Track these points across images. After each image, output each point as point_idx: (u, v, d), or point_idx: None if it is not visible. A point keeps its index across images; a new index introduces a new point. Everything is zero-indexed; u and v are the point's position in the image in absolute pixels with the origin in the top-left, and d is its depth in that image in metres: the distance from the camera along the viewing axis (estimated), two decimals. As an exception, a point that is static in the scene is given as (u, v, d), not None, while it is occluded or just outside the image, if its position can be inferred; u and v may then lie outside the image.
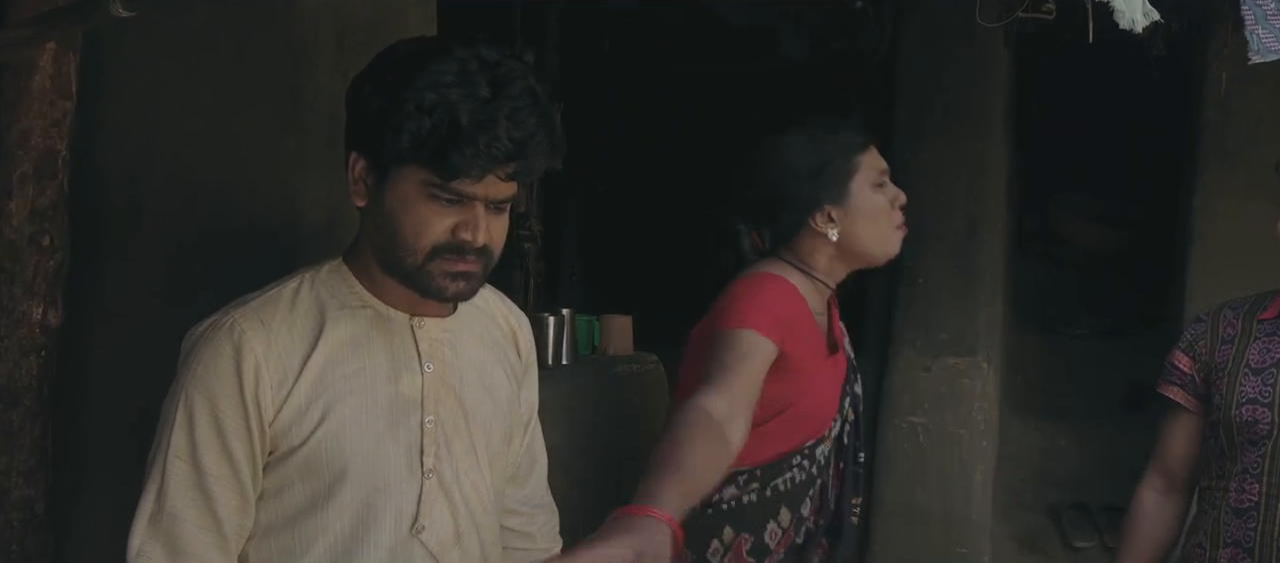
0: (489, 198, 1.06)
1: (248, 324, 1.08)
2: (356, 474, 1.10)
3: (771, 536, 1.71)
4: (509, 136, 1.01)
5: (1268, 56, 1.51)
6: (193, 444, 1.07)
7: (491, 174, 1.03)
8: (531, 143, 1.03)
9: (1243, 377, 1.56)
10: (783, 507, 1.68)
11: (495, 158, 1.01)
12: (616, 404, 2.25)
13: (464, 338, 1.21)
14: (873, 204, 1.66)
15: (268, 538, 1.12)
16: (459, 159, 1.01)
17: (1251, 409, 1.54)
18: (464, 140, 1.00)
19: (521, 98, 1.02)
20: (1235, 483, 1.55)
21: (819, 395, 1.68)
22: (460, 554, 1.17)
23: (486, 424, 1.21)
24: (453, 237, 1.06)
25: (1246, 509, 1.53)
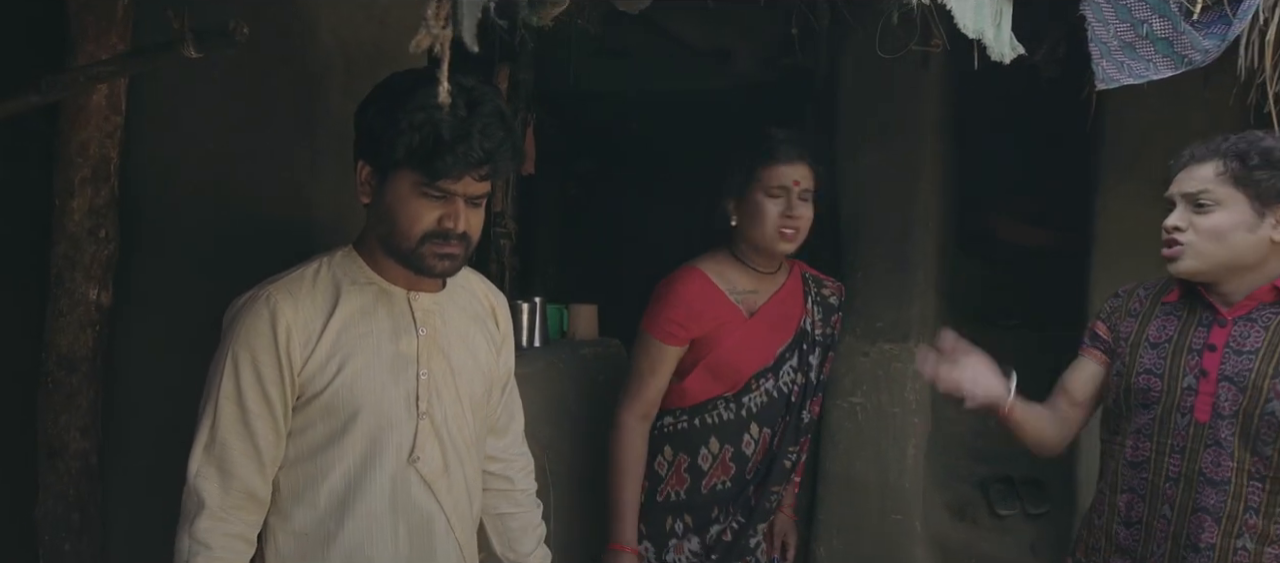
0: (467, 194, 1.35)
1: (280, 295, 1.36)
2: (366, 415, 1.37)
3: (704, 459, 2.12)
4: (481, 146, 1.29)
5: (1110, 84, 1.82)
6: (238, 390, 1.34)
7: (468, 175, 1.32)
8: (499, 151, 1.31)
9: (1143, 349, 1.73)
10: (712, 437, 2.08)
11: (470, 163, 1.30)
12: (582, 383, 2.50)
13: (451, 310, 1.49)
14: (760, 207, 2.03)
15: (295, 466, 1.39)
16: (442, 164, 1.29)
17: (1147, 378, 1.71)
18: (446, 149, 1.28)
19: (491, 116, 1.31)
20: (1131, 441, 1.71)
21: (730, 353, 2.06)
22: (448, 483, 1.45)
23: (470, 379, 1.49)
24: (439, 225, 1.34)
25: (1140, 463, 1.70)
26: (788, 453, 2.14)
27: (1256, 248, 1.63)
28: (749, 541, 2.15)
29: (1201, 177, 1.65)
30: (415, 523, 1.41)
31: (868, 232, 3.18)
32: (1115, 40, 1.79)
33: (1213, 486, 1.63)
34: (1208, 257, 1.64)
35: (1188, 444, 1.65)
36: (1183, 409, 1.66)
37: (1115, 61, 1.79)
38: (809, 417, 2.20)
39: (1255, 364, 1.62)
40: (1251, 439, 1.60)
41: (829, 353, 2.19)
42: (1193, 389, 1.66)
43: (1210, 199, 1.63)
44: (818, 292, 2.19)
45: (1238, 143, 1.65)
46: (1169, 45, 1.79)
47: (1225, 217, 1.62)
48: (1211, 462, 1.63)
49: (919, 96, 3.12)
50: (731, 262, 2.13)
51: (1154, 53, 1.80)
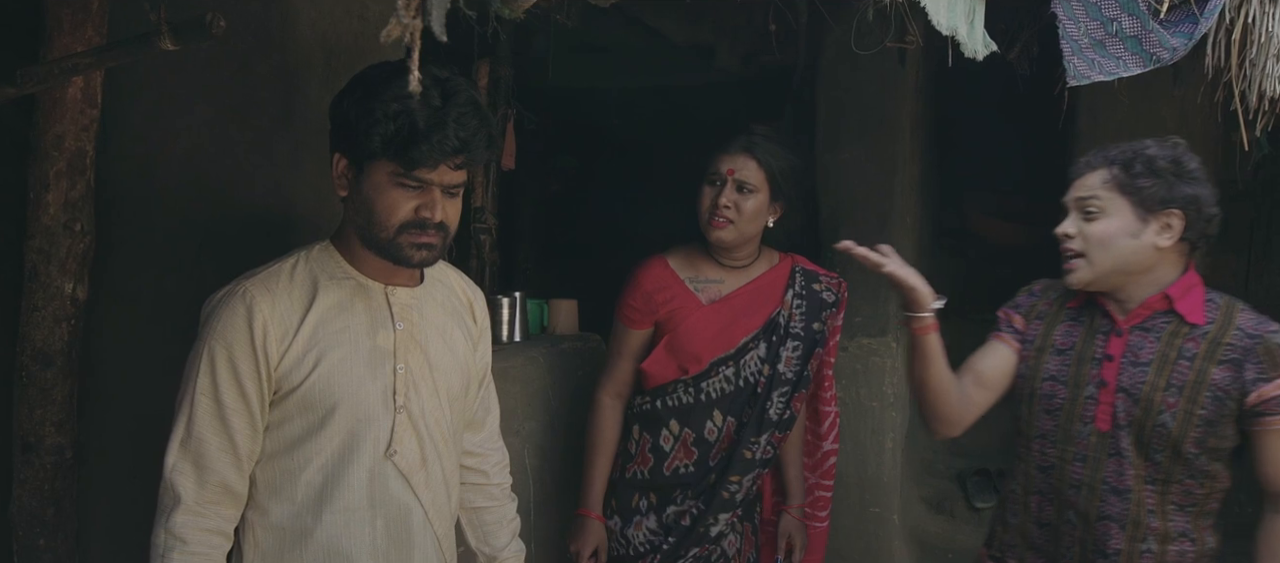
0: (443, 184, 1.35)
1: (257, 290, 1.36)
2: (343, 409, 1.37)
3: (665, 440, 2.17)
4: (456, 136, 1.30)
5: (1081, 81, 1.85)
6: (215, 385, 1.34)
7: (443, 165, 1.33)
8: (474, 140, 1.32)
9: (1048, 355, 1.74)
10: (672, 419, 2.13)
11: (445, 152, 1.31)
12: (562, 377, 2.52)
13: (428, 304, 1.50)
14: (700, 195, 2.10)
15: (272, 461, 1.40)
16: (417, 153, 1.30)
17: (1051, 385, 1.72)
18: (421, 139, 1.29)
19: (465, 106, 1.32)
20: (1037, 445, 1.74)
21: (684, 337, 2.12)
22: (426, 476, 1.46)
23: (447, 373, 1.50)
24: (416, 215, 1.35)
25: (1047, 468, 1.72)
26: (749, 443, 2.13)
27: (1141, 254, 1.64)
28: (710, 529, 2.14)
29: (1090, 183, 1.68)
30: (393, 517, 1.42)
31: (846, 227, 3.20)
32: (1086, 38, 1.82)
33: (1117, 494, 1.66)
34: (1098, 265, 1.66)
35: (1091, 453, 1.68)
36: (1085, 418, 1.68)
37: (1087, 59, 1.82)
38: (782, 411, 2.18)
39: (1148, 377, 1.65)
40: (1145, 448, 1.64)
41: (815, 349, 2.17)
42: (1094, 399, 1.68)
43: (1097, 206, 1.66)
44: (807, 286, 2.19)
45: (1125, 151, 1.68)
46: (1138, 43, 1.82)
47: (1110, 224, 1.64)
48: (1114, 471, 1.66)
49: (896, 94, 3.15)
50: (700, 252, 2.19)
51: (1124, 50, 1.83)
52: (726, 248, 2.12)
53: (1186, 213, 1.63)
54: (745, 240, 2.11)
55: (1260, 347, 1.61)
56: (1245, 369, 1.61)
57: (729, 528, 2.18)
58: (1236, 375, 1.61)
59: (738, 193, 2.05)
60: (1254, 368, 1.61)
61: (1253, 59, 2.01)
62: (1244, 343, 1.62)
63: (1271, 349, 1.61)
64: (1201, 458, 1.64)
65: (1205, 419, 1.62)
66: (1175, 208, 1.63)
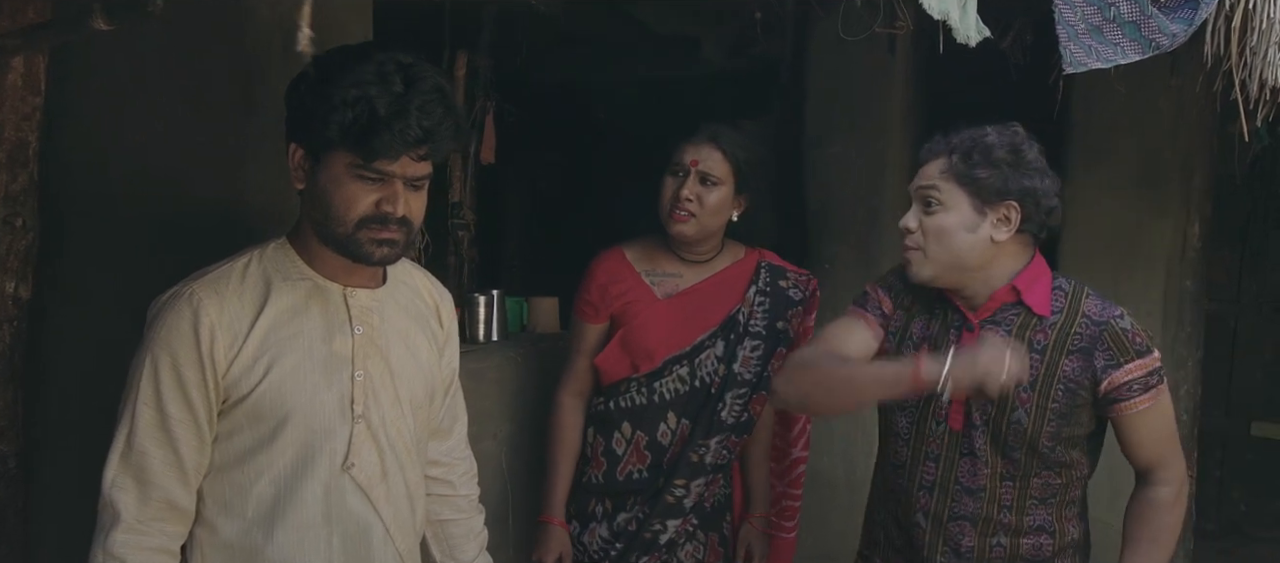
0: (406, 176, 1.27)
1: (205, 293, 1.28)
2: (296, 419, 1.29)
3: (618, 444, 2.09)
4: (419, 124, 1.22)
5: (1078, 68, 1.78)
6: (158, 394, 1.26)
7: (406, 155, 1.24)
8: (438, 130, 1.24)
9: (906, 348, 1.66)
10: (625, 421, 2.05)
11: (407, 142, 1.22)
12: (541, 377, 2.44)
13: (390, 307, 1.41)
14: (662, 186, 2.02)
15: (222, 474, 1.31)
16: (377, 143, 1.21)
17: None
18: (381, 127, 1.20)
19: (430, 93, 1.23)
20: (891, 443, 1.69)
21: (637, 332, 2.03)
22: (387, 490, 1.37)
23: (410, 380, 1.41)
24: (376, 209, 1.27)
25: (899, 465, 1.67)
26: (697, 446, 2.03)
27: (978, 248, 1.56)
28: (658, 537, 2.04)
29: (930, 173, 1.60)
30: (351, 533, 1.34)
31: (834, 222, 3.14)
32: (1083, 23, 1.75)
33: (970, 494, 1.61)
34: (936, 259, 1.58)
35: (944, 453, 1.62)
36: (938, 416, 1.62)
37: (1083, 45, 1.76)
38: (738, 415, 2.06)
39: None
40: (1001, 446, 1.59)
41: (778, 348, 2.07)
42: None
43: (936, 197, 1.58)
44: (773, 283, 2.09)
45: (964, 140, 1.60)
46: (1136, 29, 1.76)
47: (948, 217, 1.56)
48: (968, 471, 1.61)
49: (886, 86, 3.08)
50: (660, 245, 2.10)
51: (1121, 36, 1.76)
52: (687, 242, 2.03)
53: (1024, 205, 1.56)
54: (707, 235, 2.03)
55: (1107, 333, 1.57)
56: (1094, 357, 1.56)
57: (685, 537, 2.07)
58: (1086, 364, 1.57)
59: (701, 185, 1.97)
60: (1103, 356, 1.56)
61: (1253, 47, 1.95)
62: (1090, 331, 1.57)
63: (1118, 335, 1.57)
64: (1057, 450, 1.59)
65: (1058, 412, 1.57)
66: (1012, 200, 1.56)
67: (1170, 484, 1.65)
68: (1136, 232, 3.02)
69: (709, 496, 2.07)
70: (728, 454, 2.07)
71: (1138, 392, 1.57)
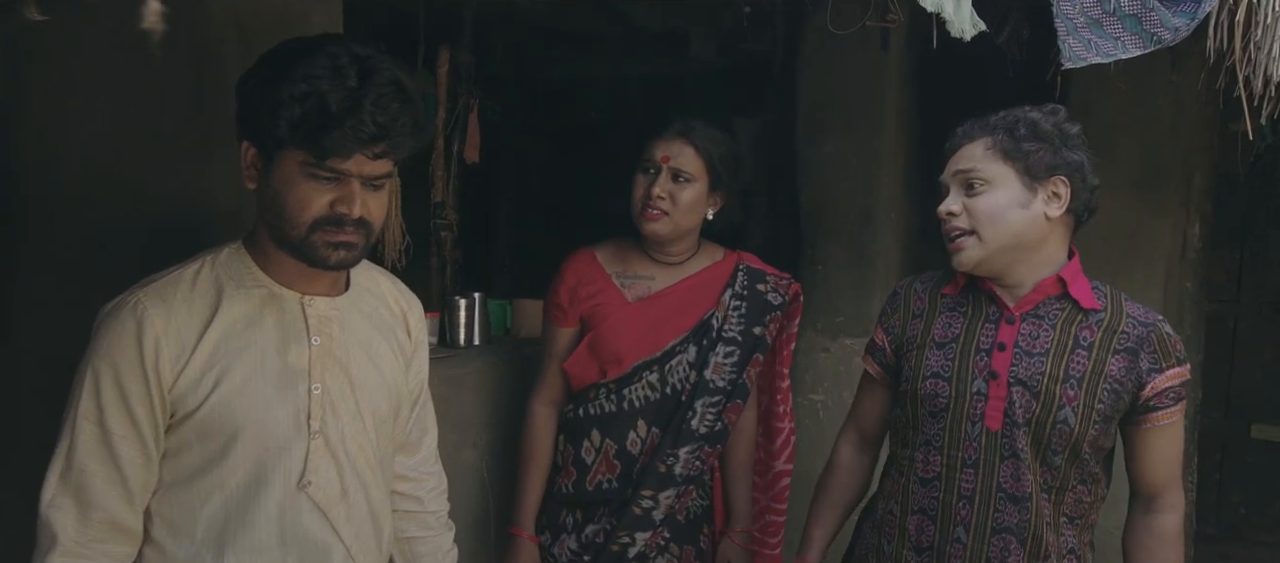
0: (362, 175, 1.19)
1: (150, 302, 1.20)
2: (248, 436, 1.22)
3: (587, 453, 2.00)
4: (373, 120, 1.14)
5: (1077, 63, 1.71)
6: (99, 409, 1.18)
7: (360, 153, 1.17)
8: (395, 126, 1.16)
9: (929, 351, 1.59)
10: (594, 429, 1.96)
11: (361, 139, 1.15)
12: (523, 383, 2.36)
13: (352, 316, 1.34)
14: (635, 183, 1.94)
15: (170, 493, 1.24)
16: (329, 140, 1.14)
17: (934, 383, 1.56)
18: (333, 124, 1.13)
19: (386, 86, 1.16)
20: (921, 454, 1.57)
21: (606, 335, 1.95)
22: (347, 509, 1.30)
23: (372, 393, 1.34)
24: (331, 210, 1.19)
25: (930, 479, 1.56)
26: (666, 456, 1.94)
27: (1033, 226, 1.51)
28: (626, 550, 1.95)
29: (971, 154, 1.55)
30: (308, 555, 1.27)
31: (828, 223, 3.08)
32: (1082, 16, 1.68)
33: (1014, 503, 1.51)
34: (990, 241, 1.51)
35: (981, 457, 1.52)
36: (973, 417, 1.53)
37: (1082, 39, 1.69)
38: (711, 424, 1.96)
39: (1046, 367, 1.51)
40: (1042, 450, 1.50)
41: (754, 355, 1.97)
42: (983, 394, 1.53)
43: (980, 177, 1.52)
44: (750, 286, 2.00)
45: (1006, 117, 1.56)
46: (1137, 22, 1.69)
47: (999, 195, 1.51)
48: (1010, 476, 1.51)
49: (880, 83, 3.01)
50: (632, 246, 2.02)
51: (1122, 30, 1.69)
52: (660, 242, 1.95)
53: (1072, 180, 1.52)
54: (681, 234, 1.94)
55: (1154, 335, 1.52)
56: (1140, 358, 1.51)
57: (656, 551, 1.97)
58: (1132, 365, 1.50)
59: (673, 182, 1.89)
60: (1148, 357, 1.51)
61: (1257, 42, 1.88)
62: (1137, 331, 1.52)
63: (1163, 338, 1.52)
64: (1092, 461, 1.53)
65: (1103, 415, 1.50)
66: (1062, 174, 1.52)
67: (1177, 511, 1.57)
68: (1136, 231, 2.96)
69: (681, 508, 1.99)
70: (700, 465, 1.98)
71: (1170, 402, 1.51)
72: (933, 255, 3.97)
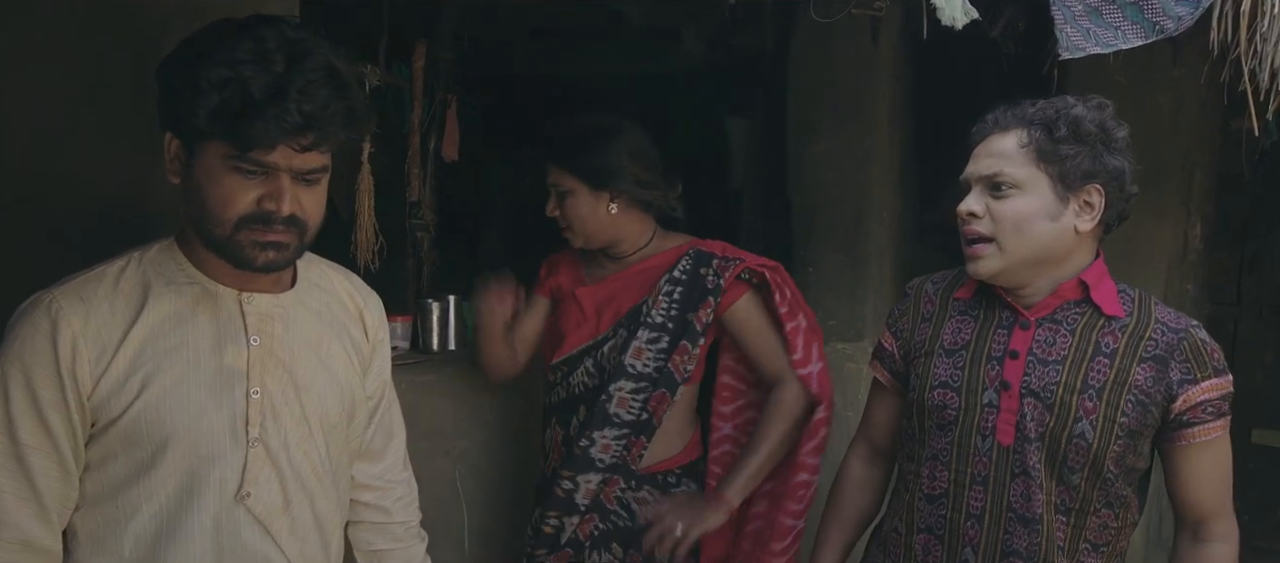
0: (291, 169, 1.11)
1: (66, 301, 1.12)
2: (178, 443, 1.13)
3: (548, 440, 2.04)
4: (298, 109, 1.06)
5: (1075, 53, 1.63)
6: (9, 417, 1.10)
7: (285, 145, 1.08)
8: (324, 114, 1.08)
9: (937, 358, 1.48)
10: (552, 416, 2.01)
11: (285, 129, 1.06)
12: (499, 389, 2.28)
13: (298, 314, 1.25)
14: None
15: (94, 508, 1.15)
16: (251, 131, 1.05)
17: (942, 393, 1.45)
18: (254, 113, 1.05)
19: (315, 72, 1.07)
20: (927, 469, 1.46)
21: (563, 318, 2.01)
22: (290, 522, 1.21)
23: (321, 397, 1.25)
24: (258, 207, 1.11)
25: (938, 496, 1.45)
26: (582, 438, 1.91)
27: (1060, 240, 1.37)
28: (558, 534, 1.93)
29: (1001, 150, 1.38)
30: None
31: (820, 222, 3.00)
32: (1080, 5, 1.60)
33: (1024, 524, 1.38)
34: (1011, 252, 1.37)
35: (991, 473, 1.40)
36: (983, 430, 1.40)
37: (1081, 28, 1.60)
38: (638, 413, 1.90)
39: (1061, 376, 1.37)
40: (1058, 466, 1.37)
41: (681, 342, 1.89)
42: (994, 406, 1.40)
43: (1009, 179, 1.36)
44: (692, 271, 1.93)
45: (1045, 109, 1.39)
46: (1139, 11, 1.61)
47: (1027, 202, 1.36)
48: (1021, 495, 1.38)
49: (873, 79, 2.93)
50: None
51: (1122, 19, 1.61)
52: (589, 249, 2.00)
53: (1108, 190, 1.37)
54: (600, 240, 1.95)
55: (1186, 342, 1.37)
56: (1170, 369, 1.36)
57: (593, 543, 1.92)
58: (1160, 375, 1.36)
59: (560, 202, 1.96)
60: (1179, 367, 1.36)
61: (1264, 33, 1.80)
62: (1167, 338, 1.37)
63: (1197, 345, 1.37)
64: (1119, 481, 1.38)
65: (1128, 429, 1.35)
66: (1098, 183, 1.37)
67: (1229, 541, 1.41)
68: (1135, 232, 2.87)
69: (608, 497, 1.92)
70: (623, 452, 1.92)
71: (1210, 416, 1.36)
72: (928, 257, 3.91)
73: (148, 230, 1.49)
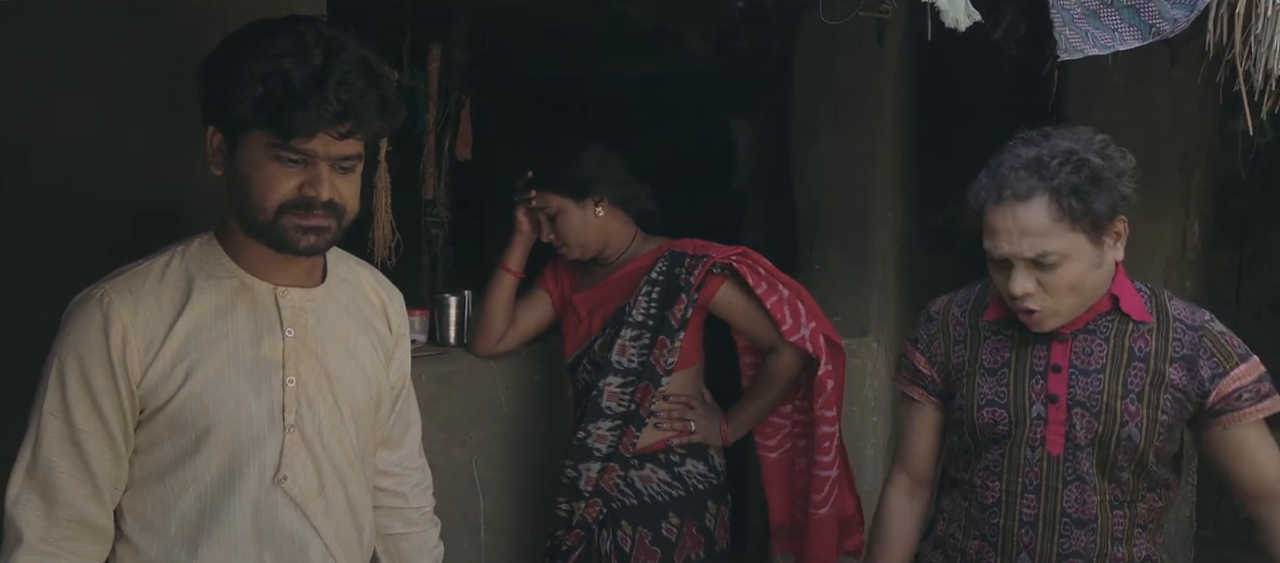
0: (330, 156, 1.16)
1: (117, 294, 1.17)
2: (220, 430, 1.19)
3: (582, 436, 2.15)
4: (337, 98, 1.12)
5: (1073, 55, 1.68)
6: (65, 404, 1.15)
7: (325, 133, 1.14)
8: (360, 104, 1.14)
9: (980, 378, 1.55)
10: (577, 406, 2.16)
11: (325, 117, 1.12)
12: (515, 380, 2.35)
13: (329, 308, 1.31)
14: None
15: (142, 489, 1.21)
16: (293, 120, 1.11)
17: (991, 411, 1.52)
18: (296, 102, 1.10)
19: (351, 64, 1.13)
20: (980, 479, 1.54)
21: (565, 324, 2.18)
22: (325, 504, 1.27)
23: (350, 387, 1.30)
24: (299, 193, 1.16)
25: (990, 505, 1.53)
26: (579, 429, 2.09)
27: (1105, 277, 1.48)
28: (570, 516, 2.10)
29: (1035, 227, 1.39)
30: (284, 551, 1.23)
31: (823, 223, 3.05)
32: (1079, 8, 1.66)
33: (1080, 526, 1.48)
34: (1069, 310, 1.46)
35: (1043, 482, 1.49)
36: (1032, 442, 1.49)
37: (1079, 30, 1.66)
38: (627, 404, 2.05)
39: (1104, 384, 1.47)
40: (1109, 468, 1.46)
41: (660, 337, 2.04)
42: (1042, 418, 1.48)
43: (1055, 256, 1.40)
44: (668, 271, 2.08)
45: (1066, 172, 1.40)
46: (1136, 13, 1.66)
47: (1075, 267, 1.42)
48: (1075, 500, 1.47)
49: (876, 81, 2.98)
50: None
51: (1120, 21, 1.67)
52: (584, 261, 2.16)
53: (1128, 212, 1.48)
54: (594, 247, 2.13)
55: (1206, 338, 1.47)
56: (1199, 367, 1.46)
57: (600, 523, 2.06)
58: (1192, 374, 1.46)
59: (551, 222, 2.12)
60: (1207, 364, 1.46)
61: (1258, 34, 1.85)
62: (1189, 337, 1.47)
63: (1217, 339, 1.47)
64: (1161, 468, 1.49)
65: (1167, 425, 1.46)
66: (1121, 213, 1.47)
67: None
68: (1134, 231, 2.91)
69: (608, 482, 2.07)
70: (616, 440, 2.07)
71: (1249, 401, 1.44)
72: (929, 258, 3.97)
73: (181, 226, 1.55)
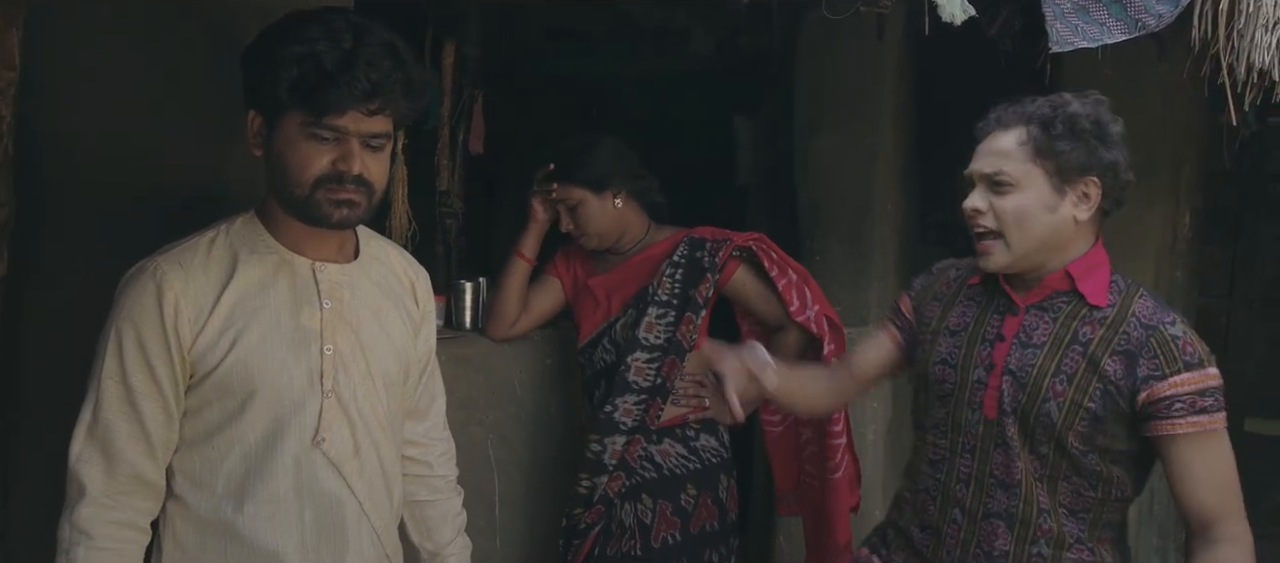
0: (360, 133, 1.26)
1: (169, 267, 1.27)
2: (264, 394, 1.28)
3: (585, 415, 2.31)
4: (367, 77, 1.21)
5: (1064, 47, 1.77)
6: (123, 368, 1.25)
7: (355, 110, 1.23)
8: (387, 83, 1.23)
9: (941, 337, 1.60)
10: (586, 397, 2.29)
11: (356, 95, 1.22)
12: (529, 363, 2.43)
13: (362, 283, 1.40)
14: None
15: (191, 449, 1.30)
16: (326, 98, 1.21)
17: (941, 369, 1.58)
18: (328, 82, 1.20)
19: (378, 47, 1.23)
20: (931, 436, 1.60)
21: (578, 305, 2.31)
22: (360, 465, 1.36)
23: (382, 357, 1.39)
24: (332, 168, 1.26)
25: (937, 461, 1.59)
26: (607, 404, 2.19)
27: (1060, 229, 1.47)
28: (591, 493, 2.19)
29: (1001, 149, 1.47)
30: (323, 508, 1.32)
31: (825, 217, 3.13)
32: (1069, 2, 1.74)
33: (1004, 489, 1.51)
34: (1017, 245, 1.47)
35: (979, 444, 1.53)
36: (973, 404, 1.53)
37: (1069, 25, 1.75)
38: (653, 378, 2.18)
39: (1038, 360, 1.48)
40: (1030, 438, 1.48)
41: (686, 314, 2.18)
42: (982, 383, 1.53)
43: (1007, 178, 1.46)
44: (689, 254, 2.22)
45: (1043, 107, 1.47)
46: (1122, 9, 1.75)
47: (1025, 198, 1.45)
48: (1001, 463, 1.51)
49: (877, 76, 3.06)
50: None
51: (1108, 16, 1.75)
52: (601, 250, 2.27)
53: (1104, 180, 1.47)
54: (611, 236, 2.24)
55: (1154, 339, 1.43)
56: (1138, 365, 1.42)
57: (622, 497, 2.17)
58: (1129, 370, 1.43)
59: (571, 214, 2.23)
60: (1147, 363, 1.42)
61: (1240, 29, 1.93)
62: (1138, 334, 1.44)
63: (1166, 341, 1.42)
64: (1090, 456, 1.46)
65: (1093, 414, 1.44)
66: (1094, 174, 1.46)
67: (1237, 543, 1.42)
68: (1125, 222, 2.98)
69: (632, 455, 2.18)
70: (642, 414, 2.18)
71: (1182, 412, 1.39)
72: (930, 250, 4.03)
73: (224, 206, 1.63)
